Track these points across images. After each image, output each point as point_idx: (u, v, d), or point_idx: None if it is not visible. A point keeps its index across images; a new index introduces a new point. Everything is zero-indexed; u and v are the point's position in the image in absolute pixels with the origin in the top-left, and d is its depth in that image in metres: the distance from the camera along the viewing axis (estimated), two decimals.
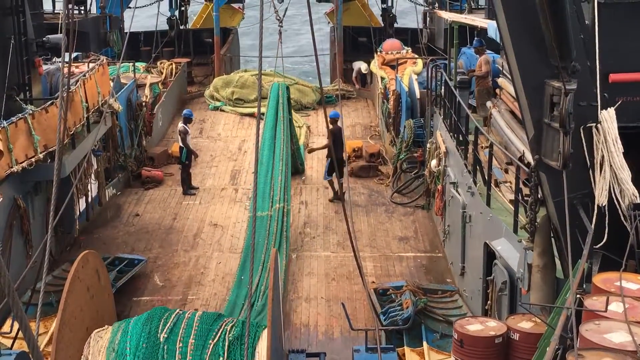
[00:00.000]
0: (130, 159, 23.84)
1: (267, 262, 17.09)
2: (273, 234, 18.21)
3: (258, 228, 18.09)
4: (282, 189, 19.55)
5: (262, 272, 16.84)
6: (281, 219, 18.77)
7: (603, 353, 7.44)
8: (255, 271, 16.89)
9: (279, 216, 18.79)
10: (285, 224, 18.80)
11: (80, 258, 11.92)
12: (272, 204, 19.07)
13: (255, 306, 15.76)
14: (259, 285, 16.49)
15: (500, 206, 14.29)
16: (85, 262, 12.03)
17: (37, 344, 4.25)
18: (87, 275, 12.03)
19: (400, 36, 34.97)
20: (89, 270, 12.18)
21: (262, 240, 17.96)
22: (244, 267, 17.45)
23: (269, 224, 18.44)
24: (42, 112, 16.94)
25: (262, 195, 19.17)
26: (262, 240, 17.98)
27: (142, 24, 33.36)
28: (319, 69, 12.08)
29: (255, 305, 15.80)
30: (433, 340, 14.43)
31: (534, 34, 9.25)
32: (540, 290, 10.64)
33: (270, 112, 21.86)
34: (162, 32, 36.09)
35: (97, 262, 12.85)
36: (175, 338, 11.56)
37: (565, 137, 9.28)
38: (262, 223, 18.35)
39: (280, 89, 22.56)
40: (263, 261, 17.21)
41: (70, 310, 11.26)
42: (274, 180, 19.69)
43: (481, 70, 20.49)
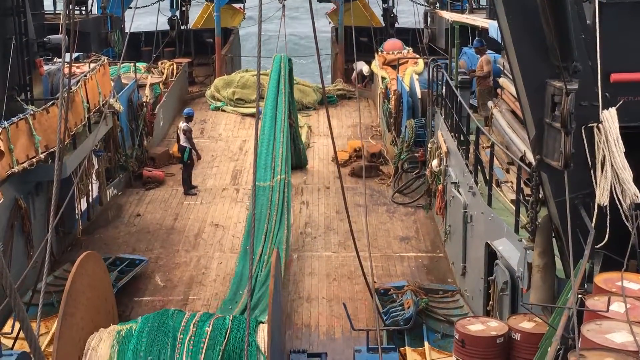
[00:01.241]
0: (131, 159, 23.83)
1: (269, 232, 17.42)
2: (275, 205, 18.34)
3: (260, 198, 18.22)
4: (283, 160, 19.61)
5: (265, 242, 17.07)
6: (282, 190, 18.86)
7: (605, 353, 7.43)
8: (258, 241, 17.23)
9: (281, 187, 18.90)
10: (286, 195, 18.90)
11: (82, 258, 11.93)
12: (273, 174, 19.14)
13: (258, 276, 16.04)
14: (262, 255, 16.71)
15: (502, 206, 14.28)
16: (86, 262, 12.03)
17: (38, 345, 4.24)
18: (88, 275, 12.03)
19: (401, 36, 34.98)
20: (90, 270, 12.18)
21: (265, 211, 18.09)
22: (248, 236, 17.59)
23: (270, 194, 18.56)
24: (43, 112, 16.95)
25: (264, 166, 19.24)
26: (265, 210, 18.11)
27: (143, 22, 33.38)
28: (320, 69, 12.09)
29: (259, 276, 16.04)
30: (434, 340, 14.43)
31: (535, 34, 9.24)
32: (539, 290, 10.64)
33: (272, 84, 21.80)
34: (163, 33, 36.09)
35: (98, 263, 12.86)
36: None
37: (567, 137, 9.28)
38: (265, 193, 18.50)
39: (282, 60, 22.41)
40: (266, 231, 17.43)
41: (71, 310, 11.26)
42: (275, 152, 19.73)
43: (482, 70, 20.48)
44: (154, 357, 11.67)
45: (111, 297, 13.54)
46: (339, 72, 35.83)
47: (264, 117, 20.63)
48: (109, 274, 14.37)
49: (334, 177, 23.71)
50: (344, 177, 22.37)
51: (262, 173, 19.09)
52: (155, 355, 11.72)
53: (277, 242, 17.51)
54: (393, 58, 29.53)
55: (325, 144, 26.66)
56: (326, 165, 25.22)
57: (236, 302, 15.98)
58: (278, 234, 17.78)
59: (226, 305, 16.02)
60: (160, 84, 29.49)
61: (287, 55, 23.00)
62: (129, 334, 11.97)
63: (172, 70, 31.80)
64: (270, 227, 17.59)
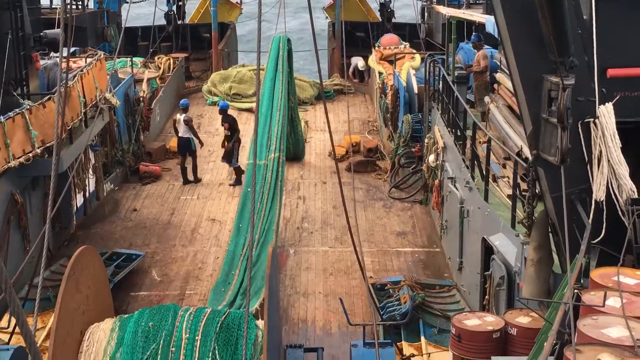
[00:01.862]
0: (127, 154, 23.82)
1: (260, 210, 17.55)
2: (268, 183, 18.40)
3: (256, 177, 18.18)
4: (278, 138, 19.63)
5: (257, 221, 17.12)
6: (276, 169, 18.90)
7: (600, 348, 7.44)
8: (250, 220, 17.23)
9: (274, 165, 18.94)
10: (280, 174, 18.95)
11: (78, 253, 11.91)
12: (268, 153, 19.17)
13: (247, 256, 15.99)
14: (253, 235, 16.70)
15: (498, 201, 14.28)
16: (83, 257, 12.01)
17: (34, 339, 4.24)
18: (84, 270, 12.02)
19: (398, 31, 34.98)
20: (87, 265, 12.17)
21: (259, 189, 18.12)
22: (241, 215, 17.75)
23: (264, 173, 18.62)
24: (40, 107, 16.93)
25: (260, 144, 19.25)
26: (259, 188, 18.14)
27: (142, 11, 33.32)
28: (319, 64, 12.07)
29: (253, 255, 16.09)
30: (431, 335, 14.44)
31: (532, 29, 9.24)
32: (532, 284, 10.65)
33: (271, 64, 21.77)
34: (160, 27, 36.03)
35: (94, 257, 12.84)
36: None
37: (563, 132, 9.28)
38: (259, 171, 18.53)
39: (281, 41, 22.39)
40: (257, 210, 17.47)
41: (68, 305, 11.25)
42: (271, 131, 19.75)
43: (479, 66, 20.48)
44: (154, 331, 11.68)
45: (108, 292, 13.52)
46: (335, 67, 35.81)
47: (262, 96, 20.65)
48: (106, 269, 14.35)
49: (330, 172, 23.71)
50: (341, 172, 22.37)
51: (258, 151, 19.05)
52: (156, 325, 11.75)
53: (269, 222, 17.54)
54: (390, 53, 29.54)
55: (322, 139, 26.67)
56: (323, 160, 25.21)
57: (229, 284, 16.04)
58: (270, 213, 17.82)
59: (218, 287, 16.09)
60: (157, 79, 29.47)
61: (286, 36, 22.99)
62: (127, 319, 12.02)
63: (168, 65, 31.76)
64: (262, 205, 17.67)
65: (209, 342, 11.41)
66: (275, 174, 18.76)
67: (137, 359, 11.38)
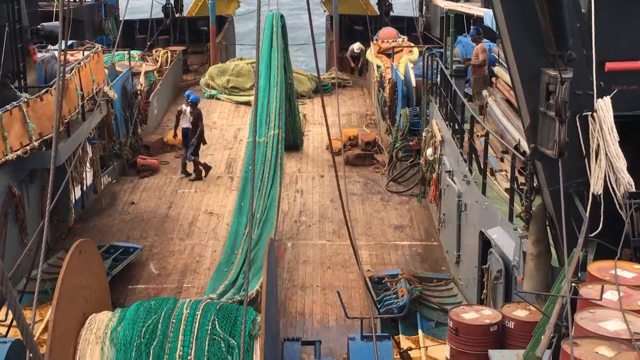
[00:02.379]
0: (125, 147, 23.81)
1: (262, 188, 17.69)
2: (268, 161, 18.48)
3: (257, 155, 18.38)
4: (277, 115, 19.66)
5: (259, 199, 17.30)
6: (276, 146, 18.93)
7: (598, 341, 7.45)
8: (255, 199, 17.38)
9: (274, 143, 18.96)
10: (280, 151, 19.01)
11: (76, 246, 11.90)
12: (267, 130, 19.21)
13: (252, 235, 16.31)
14: (255, 213, 16.97)
15: (496, 195, 14.29)
16: (80, 250, 12.00)
17: (30, 333, 4.24)
18: (82, 263, 12.01)
19: (396, 24, 34.95)
20: (84, 258, 12.16)
21: (259, 167, 18.21)
22: (243, 194, 17.88)
23: (264, 150, 18.69)
24: (37, 100, 16.91)
25: (259, 121, 19.31)
26: (259, 166, 18.24)
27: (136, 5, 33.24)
28: (316, 57, 12.05)
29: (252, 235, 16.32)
30: (428, 328, 14.46)
31: (530, 22, 9.22)
32: (533, 278, 10.66)
33: (266, 40, 21.74)
34: (158, 20, 35.98)
35: (92, 250, 12.83)
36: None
37: (561, 126, 9.27)
38: (259, 149, 18.60)
39: (275, 17, 22.35)
40: (259, 188, 17.58)
41: (65, 298, 11.24)
42: (270, 108, 19.77)
43: (477, 59, 20.45)
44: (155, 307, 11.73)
45: (105, 285, 13.51)
46: (333, 60, 35.79)
47: (259, 73, 20.65)
48: (103, 262, 14.35)
49: (328, 166, 23.71)
50: (338, 166, 22.39)
51: (258, 129, 19.08)
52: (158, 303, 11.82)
53: (270, 200, 17.60)
54: (388, 46, 29.53)
55: (320, 132, 26.66)
56: (320, 153, 25.21)
57: (232, 263, 16.12)
58: (271, 191, 17.88)
59: (221, 268, 16.16)
60: (154, 72, 29.44)
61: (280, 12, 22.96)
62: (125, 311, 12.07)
63: (166, 58, 31.75)
64: (263, 184, 17.72)
65: (209, 315, 11.49)
66: (275, 151, 18.81)
67: (138, 329, 11.41)
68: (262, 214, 17.18)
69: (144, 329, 11.41)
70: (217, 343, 11.23)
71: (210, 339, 11.26)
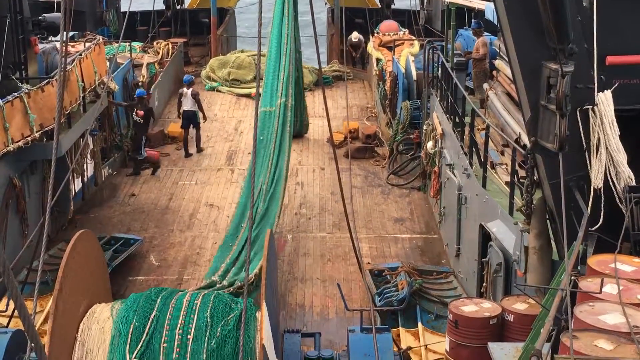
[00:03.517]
0: (126, 139, 23.81)
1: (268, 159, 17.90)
2: (275, 130, 18.60)
3: (266, 124, 18.62)
4: (285, 84, 19.78)
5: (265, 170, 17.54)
6: (283, 114, 19.01)
7: (597, 334, 7.47)
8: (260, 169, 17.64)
9: (282, 111, 19.05)
10: (289, 119, 19.11)
11: (76, 237, 11.91)
12: (277, 99, 19.36)
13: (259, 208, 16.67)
14: (262, 186, 17.16)
15: (496, 188, 14.30)
16: (81, 241, 12.02)
17: (32, 323, 4.25)
18: (82, 254, 12.03)
19: (397, 17, 34.89)
20: (85, 249, 12.18)
21: (270, 137, 18.34)
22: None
23: (273, 120, 18.91)
24: (38, 91, 16.91)
25: (270, 91, 19.49)
26: (269, 136, 18.38)
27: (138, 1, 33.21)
28: (317, 50, 12.07)
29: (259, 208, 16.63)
30: (428, 321, 14.49)
31: (531, 15, 9.22)
32: (536, 272, 10.68)
33: (277, 14, 21.72)
34: (159, 12, 35.93)
35: (92, 242, 12.85)
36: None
37: (562, 120, 9.28)
38: (269, 119, 18.79)
39: None
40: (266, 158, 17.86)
41: (66, 289, 11.26)
42: (280, 77, 19.89)
43: (478, 53, 20.45)
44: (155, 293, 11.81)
45: (106, 276, 13.54)
46: (334, 53, 35.74)
47: (270, 43, 20.81)
48: (104, 253, 14.38)
49: (329, 158, 23.70)
50: (339, 158, 22.38)
51: (268, 98, 19.34)
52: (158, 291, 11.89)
53: (278, 171, 17.71)
54: (389, 39, 29.47)
55: (321, 124, 26.63)
56: (321, 146, 25.21)
57: (237, 237, 16.19)
58: (278, 162, 17.97)
59: (227, 242, 16.37)
60: (155, 64, 29.40)
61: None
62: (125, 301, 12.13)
63: (167, 50, 31.70)
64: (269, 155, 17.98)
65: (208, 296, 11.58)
66: (283, 119, 18.88)
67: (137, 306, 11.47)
68: (269, 187, 17.29)
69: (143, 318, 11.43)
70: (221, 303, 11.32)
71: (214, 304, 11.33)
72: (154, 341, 11.09)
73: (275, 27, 21.13)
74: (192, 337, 11.04)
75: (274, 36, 20.94)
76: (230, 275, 15.46)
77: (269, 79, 19.90)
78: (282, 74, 19.83)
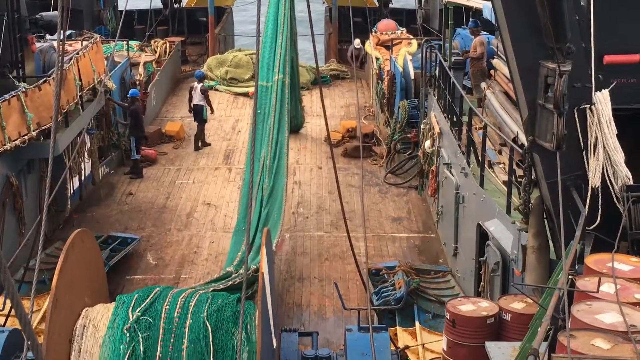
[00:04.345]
0: (123, 138, 23.79)
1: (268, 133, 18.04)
2: (274, 105, 18.71)
3: (264, 99, 18.81)
4: (282, 60, 19.90)
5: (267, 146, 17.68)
6: (281, 91, 19.11)
7: (594, 333, 7.46)
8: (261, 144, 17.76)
9: (279, 87, 19.15)
10: (287, 97, 19.23)
11: (73, 236, 11.90)
12: (274, 74, 19.46)
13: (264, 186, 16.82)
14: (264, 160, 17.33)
15: (494, 187, 14.30)
16: (78, 240, 12.01)
17: (29, 322, 4.24)
18: (79, 253, 12.02)
19: (395, 16, 34.90)
20: (82, 248, 12.16)
21: (269, 112, 18.51)
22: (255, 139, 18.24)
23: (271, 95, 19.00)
24: (36, 89, 16.89)
25: (267, 66, 19.64)
26: (269, 111, 18.53)
27: None
28: (315, 49, 12.08)
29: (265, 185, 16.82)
30: (425, 320, 14.49)
31: (529, 14, 9.22)
32: (534, 271, 10.67)
33: None
34: (156, 11, 35.91)
35: (90, 241, 12.83)
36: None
37: (559, 119, 9.27)
38: (266, 93, 18.92)
39: None
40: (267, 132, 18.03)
41: (63, 288, 11.25)
42: (276, 53, 20.04)
43: (476, 52, 20.44)
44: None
45: (103, 275, 13.53)
46: (332, 52, 35.72)
47: (267, 21, 20.95)
48: (101, 252, 14.37)
49: (326, 157, 23.69)
50: (336, 158, 22.40)
51: (265, 73, 19.52)
52: None
53: (279, 146, 17.85)
54: (387, 38, 29.48)
55: (318, 124, 26.63)
56: (319, 145, 25.20)
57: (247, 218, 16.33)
58: (279, 136, 18.08)
59: (239, 227, 16.40)
60: (153, 63, 29.40)
61: None
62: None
63: (165, 49, 31.69)
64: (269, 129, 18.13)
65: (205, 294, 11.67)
66: (281, 95, 18.99)
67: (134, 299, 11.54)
68: (272, 162, 17.43)
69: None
70: None
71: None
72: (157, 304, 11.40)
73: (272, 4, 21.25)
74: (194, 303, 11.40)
75: (271, 13, 21.09)
76: None
77: (265, 54, 20.09)
78: (279, 50, 19.97)
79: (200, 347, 10.98)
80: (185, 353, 10.97)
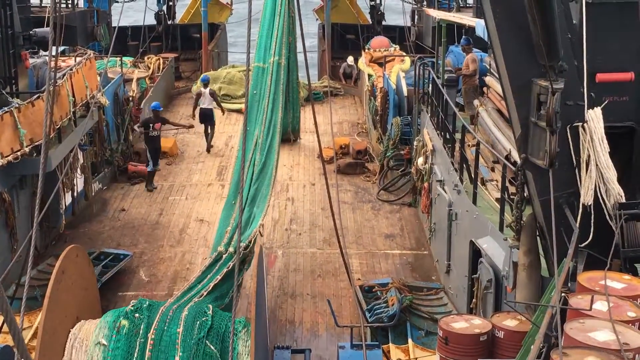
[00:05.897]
0: (116, 154, 23.78)
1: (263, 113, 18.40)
2: (268, 86, 19.07)
3: (259, 79, 19.21)
4: (279, 43, 20.26)
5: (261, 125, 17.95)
6: (276, 72, 19.49)
7: (587, 351, 7.47)
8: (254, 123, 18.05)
9: (275, 69, 19.55)
10: (282, 78, 19.64)
11: (66, 252, 11.90)
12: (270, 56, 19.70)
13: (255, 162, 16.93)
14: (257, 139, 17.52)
15: (486, 204, 14.32)
16: (71, 256, 12.00)
17: (22, 338, 4.23)
18: (72, 269, 12.00)
19: (388, 34, 35.02)
20: (74, 264, 12.15)
21: (263, 92, 18.93)
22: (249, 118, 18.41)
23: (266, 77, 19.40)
24: (29, 105, 16.87)
25: (264, 48, 20.11)
26: (262, 91, 18.95)
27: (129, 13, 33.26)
28: (307, 66, 12.09)
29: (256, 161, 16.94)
30: (418, 337, 14.46)
31: (521, 32, 9.26)
32: (525, 289, 10.67)
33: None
34: (150, 27, 35.98)
35: (82, 257, 12.82)
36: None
37: (552, 136, 9.30)
38: (263, 74, 19.35)
39: None
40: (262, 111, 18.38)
41: (55, 304, 11.23)
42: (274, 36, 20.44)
43: (468, 69, 20.52)
44: None
45: (95, 292, 13.51)
46: (325, 69, 35.82)
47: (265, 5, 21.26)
48: (93, 268, 14.33)
49: (319, 174, 23.69)
50: (329, 174, 22.41)
51: (262, 54, 19.94)
52: None
53: (273, 126, 18.03)
54: (380, 55, 29.56)
55: (311, 140, 26.64)
56: (312, 161, 25.21)
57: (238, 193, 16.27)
58: (272, 116, 18.31)
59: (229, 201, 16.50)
60: (146, 79, 29.40)
61: None
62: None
63: (158, 65, 31.72)
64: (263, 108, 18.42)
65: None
66: (276, 77, 19.33)
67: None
68: (265, 140, 17.58)
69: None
70: None
71: None
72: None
73: None
74: None
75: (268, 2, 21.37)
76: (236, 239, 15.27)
77: (262, 37, 20.36)
78: (276, 33, 20.16)
79: None
80: None
